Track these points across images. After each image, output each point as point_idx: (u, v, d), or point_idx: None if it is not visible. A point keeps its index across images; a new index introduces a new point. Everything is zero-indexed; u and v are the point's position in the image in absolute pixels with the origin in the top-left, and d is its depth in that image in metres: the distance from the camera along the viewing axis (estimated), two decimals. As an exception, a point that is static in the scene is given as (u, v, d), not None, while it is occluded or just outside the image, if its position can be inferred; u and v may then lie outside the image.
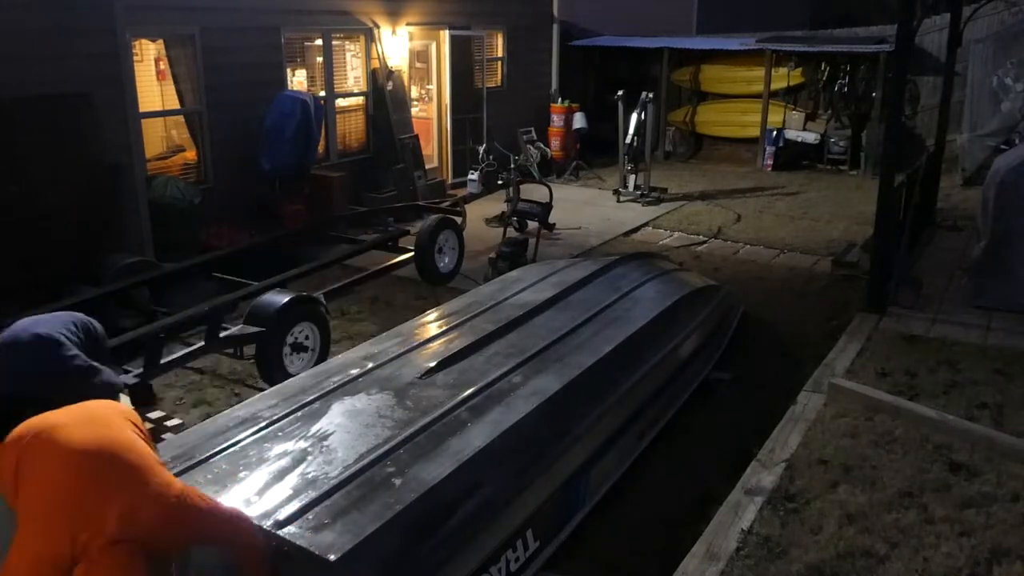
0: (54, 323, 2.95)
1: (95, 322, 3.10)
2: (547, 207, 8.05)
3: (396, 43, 11.00)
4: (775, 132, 14.03)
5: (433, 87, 12.21)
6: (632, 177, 11.81)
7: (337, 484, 3.29)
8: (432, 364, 4.40)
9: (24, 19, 6.53)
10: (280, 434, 3.74)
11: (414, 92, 12.03)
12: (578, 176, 13.14)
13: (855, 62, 13.44)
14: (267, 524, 3.06)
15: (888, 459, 4.64)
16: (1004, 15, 12.34)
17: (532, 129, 13.41)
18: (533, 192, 8.88)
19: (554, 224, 7.91)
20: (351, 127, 10.85)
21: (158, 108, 9.06)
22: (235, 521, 2.66)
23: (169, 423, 4.90)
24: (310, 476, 3.37)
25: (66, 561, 2.23)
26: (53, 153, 6.79)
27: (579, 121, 13.79)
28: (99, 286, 6.38)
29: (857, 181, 12.93)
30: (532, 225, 8.35)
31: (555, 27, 14.22)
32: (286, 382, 4.50)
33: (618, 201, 11.57)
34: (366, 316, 7.16)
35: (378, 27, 10.69)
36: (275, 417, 3.88)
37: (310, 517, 3.10)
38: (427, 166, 11.73)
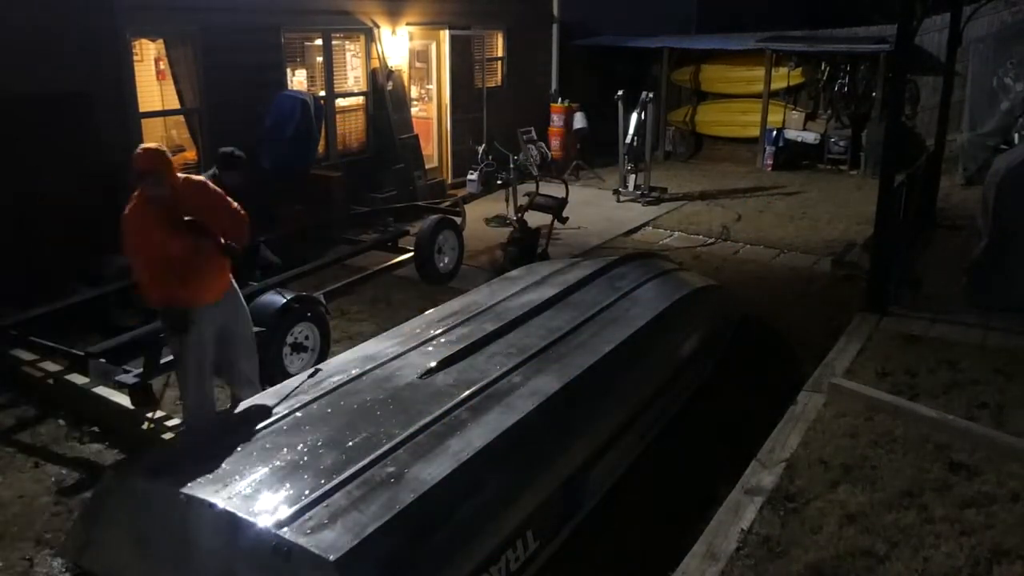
0: None
1: None
2: (563, 201, 8.15)
3: (396, 43, 10.99)
4: (775, 132, 14.02)
5: (433, 87, 12.21)
6: (632, 177, 11.81)
7: (337, 484, 3.29)
8: (432, 364, 4.40)
9: (24, 19, 6.53)
10: (280, 434, 3.74)
11: (414, 92, 12.03)
12: (578, 176, 13.13)
13: (855, 62, 13.43)
14: (267, 524, 3.06)
15: (888, 459, 4.64)
16: (1004, 15, 12.34)
17: (532, 129, 13.40)
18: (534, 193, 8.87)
19: (567, 218, 8.06)
20: (351, 127, 10.84)
21: (158, 108, 9.06)
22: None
23: (169, 423, 4.90)
24: (310, 476, 3.37)
25: None
26: (53, 152, 6.79)
27: (579, 121, 13.78)
28: (99, 286, 6.38)
29: (857, 181, 12.92)
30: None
31: (555, 27, 14.21)
32: (285, 382, 4.50)
33: (618, 201, 11.57)
34: (366, 316, 7.15)
35: (378, 27, 10.69)
36: (275, 417, 3.88)
37: (310, 517, 3.10)
38: (427, 166, 11.72)
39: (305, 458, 3.52)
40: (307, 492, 3.24)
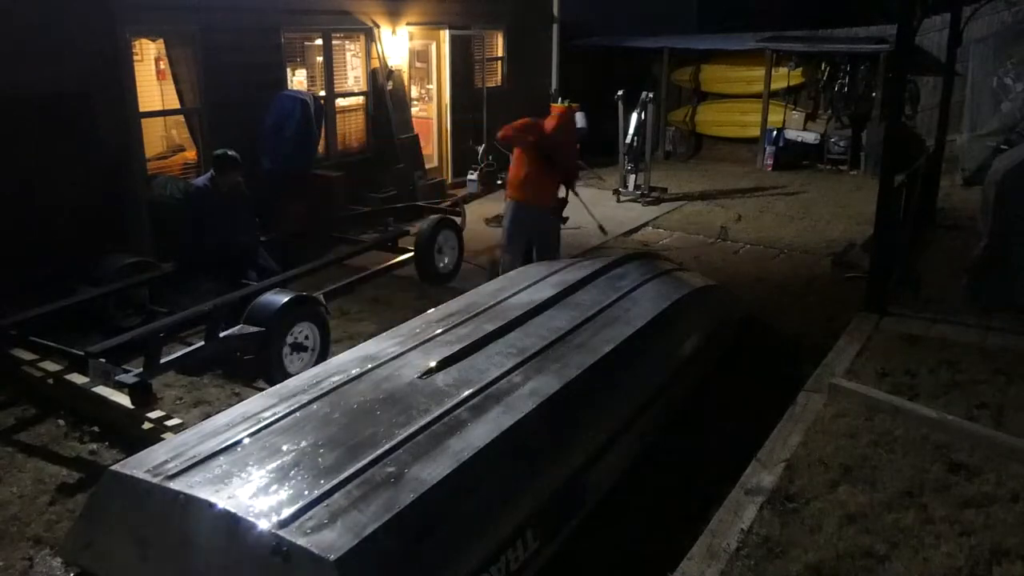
0: None
1: None
2: (563, 201, 8.18)
3: (396, 43, 11.00)
4: (775, 132, 14.03)
5: (433, 87, 12.21)
6: (632, 177, 11.81)
7: (337, 484, 3.29)
8: (432, 364, 4.39)
9: (23, 18, 6.52)
10: (280, 434, 3.74)
11: (414, 92, 12.03)
12: (578, 176, 13.11)
13: (855, 62, 13.43)
14: (267, 524, 3.06)
15: (888, 459, 4.64)
16: (1004, 15, 12.34)
17: (532, 129, 13.37)
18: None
19: (567, 218, 8.08)
20: (351, 127, 10.84)
21: (158, 108, 9.05)
22: None
23: (169, 423, 4.89)
24: (310, 476, 3.37)
25: None
26: (53, 153, 6.79)
27: (579, 121, 13.73)
28: (99, 286, 6.38)
29: (857, 181, 12.93)
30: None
31: (555, 27, 14.20)
32: (286, 382, 4.50)
33: (618, 201, 11.57)
34: (366, 316, 7.15)
35: (378, 27, 10.69)
36: (275, 417, 3.88)
37: (310, 517, 3.10)
38: (427, 166, 11.72)
39: (305, 458, 3.51)
40: (307, 492, 3.24)
